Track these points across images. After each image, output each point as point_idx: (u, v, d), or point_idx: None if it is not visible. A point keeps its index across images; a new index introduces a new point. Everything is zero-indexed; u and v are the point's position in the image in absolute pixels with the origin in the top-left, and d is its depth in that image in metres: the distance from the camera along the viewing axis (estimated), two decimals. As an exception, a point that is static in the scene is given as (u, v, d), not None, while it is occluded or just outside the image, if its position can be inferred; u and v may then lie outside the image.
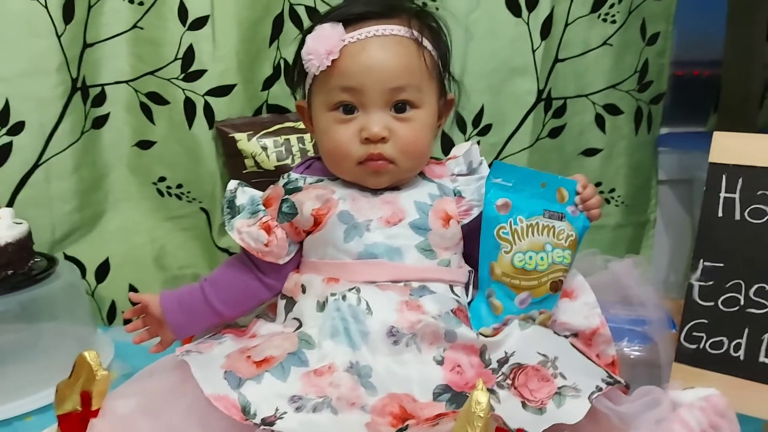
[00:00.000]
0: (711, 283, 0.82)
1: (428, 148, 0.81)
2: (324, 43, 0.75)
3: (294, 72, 0.83)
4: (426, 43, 0.78)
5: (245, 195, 0.81)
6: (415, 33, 0.77)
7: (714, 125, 1.47)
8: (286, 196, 0.80)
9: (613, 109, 1.34)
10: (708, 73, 1.58)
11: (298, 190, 0.80)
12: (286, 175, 0.83)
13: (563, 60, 1.29)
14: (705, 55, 1.57)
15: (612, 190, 1.39)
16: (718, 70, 1.48)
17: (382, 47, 0.76)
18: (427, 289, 0.76)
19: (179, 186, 1.21)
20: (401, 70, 0.76)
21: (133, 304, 0.84)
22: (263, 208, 0.80)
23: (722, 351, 0.80)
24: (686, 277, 1.40)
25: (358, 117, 0.77)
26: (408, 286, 0.75)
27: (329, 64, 0.75)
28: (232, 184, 0.82)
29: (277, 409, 0.65)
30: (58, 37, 1.08)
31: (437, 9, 0.85)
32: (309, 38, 0.77)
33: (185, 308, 0.81)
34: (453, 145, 1.16)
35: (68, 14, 1.08)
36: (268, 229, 0.78)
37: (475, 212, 0.81)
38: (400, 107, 0.77)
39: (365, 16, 0.77)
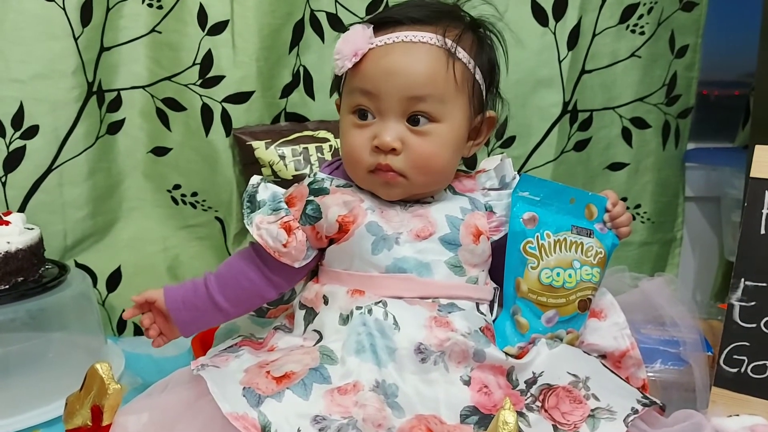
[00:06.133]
0: (753, 303, 0.79)
1: (446, 166, 0.76)
2: (351, 45, 0.73)
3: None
4: (462, 54, 0.74)
5: (267, 191, 0.78)
6: (448, 42, 0.73)
7: (743, 140, 1.44)
8: (311, 197, 0.77)
9: (640, 123, 1.32)
10: (737, 90, 1.55)
11: (324, 192, 0.77)
12: (312, 174, 0.80)
13: (590, 71, 1.26)
14: (734, 70, 1.55)
15: (638, 206, 1.36)
16: (747, 86, 1.45)
17: (405, 54, 0.73)
18: (456, 306, 0.73)
19: (194, 194, 1.19)
20: (421, 79, 0.73)
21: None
22: (285, 206, 0.77)
23: (766, 375, 0.77)
24: (713, 297, 1.39)
25: (374, 124, 0.74)
26: (436, 302, 0.73)
27: (350, 65, 0.74)
28: (255, 179, 0.80)
29: (299, 430, 0.62)
30: (75, 39, 1.06)
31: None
32: (340, 38, 0.75)
33: (189, 305, 0.79)
34: (476, 157, 1.14)
35: (86, 17, 1.07)
36: (288, 230, 0.75)
37: (505, 229, 0.78)
38: (416, 119, 0.74)
39: (400, 21, 0.75)
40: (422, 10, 0.76)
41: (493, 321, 0.77)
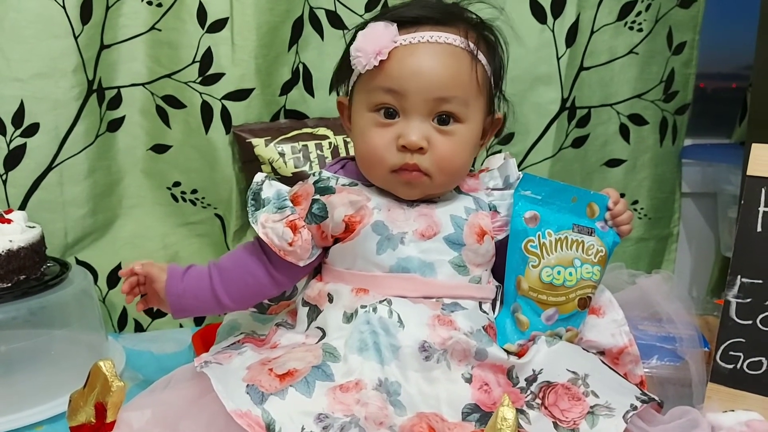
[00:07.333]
0: (749, 300, 0.79)
1: (465, 165, 0.77)
2: (374, 43, 0.72)
3: (340, 66, 0.80)
4: (481, 56, 0.75)
5: (272, 188, 0.78)
6: (471, 45, 0.74)
7: (739, 137, 1.44)
8: (317, 196, 0.76)
9: (638, 119, 1.32)
10: (734, 82, 1.56)
11: (330, 191, 0.77)
12: (317, 173, 0.80)
13: (588, 68, 1.26)
14: (731, 62, 1.55)
15: (635, 203, 1.36)
16: (744, 82, 1.46)
17: (433, 54, 0.73)
18: (459, 305, 0.74)
19: (194, 191, 1.19)
20: (449, 80, 0.73)
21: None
22: (290, 204, 0.77)
23: (761, 372, 0.78)
24: (710, 293, 1.39)
25: (398, 123, 0.74)
26: (439, 301, 0.73)
27: (376, 64, 0.72)
28: (259, 176, 0.79)
29: (303, 428, 0.62)
30: (75, 37, 1.06)
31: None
32: (360, 35, 0.74)
33: (190, 296, 0.78)
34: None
35: (86, 15, 1.06)
36: (294, 228, 0.75)
37: (509, 229, 0.78)
38: (443, 119, 0.73)
39: (420, 20, 0.74)
40: (433, 10, 0.75)
41: (494, 318, 0.77)
